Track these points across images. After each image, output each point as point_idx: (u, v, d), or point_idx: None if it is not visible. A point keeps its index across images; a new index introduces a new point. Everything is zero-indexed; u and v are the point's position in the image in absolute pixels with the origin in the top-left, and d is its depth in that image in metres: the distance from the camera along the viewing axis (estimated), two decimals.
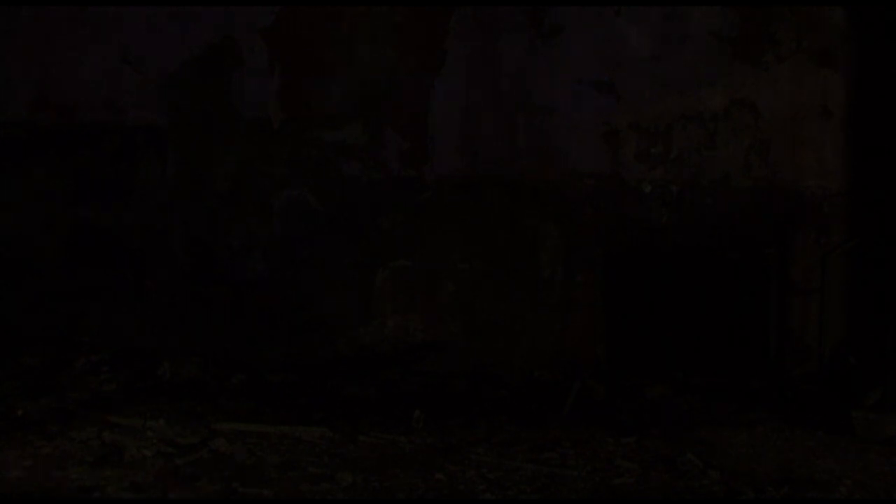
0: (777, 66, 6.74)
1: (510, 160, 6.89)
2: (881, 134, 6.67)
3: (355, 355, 6.90)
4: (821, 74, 6.73)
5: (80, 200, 7.10)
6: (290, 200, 6.99)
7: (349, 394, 6.26)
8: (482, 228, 6.91)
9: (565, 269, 6.88)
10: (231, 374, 6.55)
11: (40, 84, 7.11)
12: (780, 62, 6.74)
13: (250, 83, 6.96)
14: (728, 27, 6.74)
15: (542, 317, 6.88)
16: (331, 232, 6.96)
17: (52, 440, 5.05)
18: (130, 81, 7.03)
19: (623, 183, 6.84)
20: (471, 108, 6.88)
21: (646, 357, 6.79)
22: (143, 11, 6.96)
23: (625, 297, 6.87)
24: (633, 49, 6.78)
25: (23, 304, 7.08)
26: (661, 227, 6.84)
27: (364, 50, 6.91)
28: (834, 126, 6.75)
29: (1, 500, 4.33)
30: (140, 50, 7.02)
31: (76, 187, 7.11)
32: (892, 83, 6.63)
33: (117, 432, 5.17)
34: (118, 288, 7.07)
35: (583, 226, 6.87)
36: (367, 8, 6.89)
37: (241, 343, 6.91)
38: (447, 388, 6.46)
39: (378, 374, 6.63)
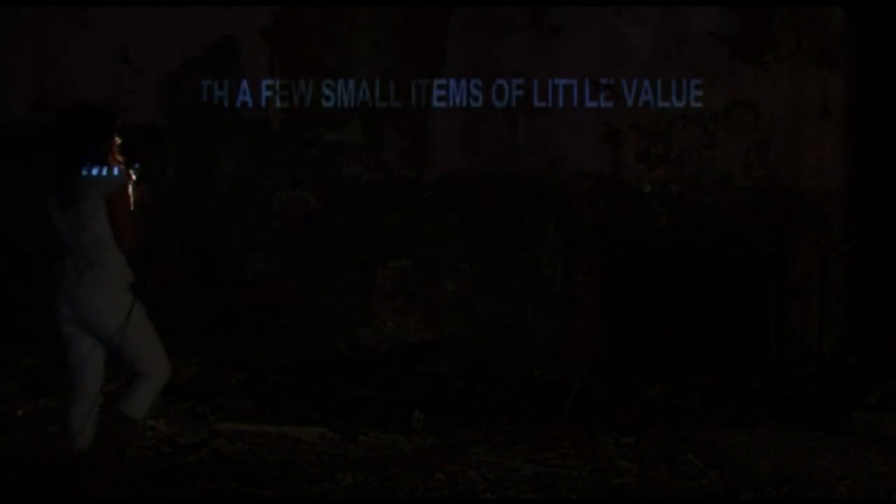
0: (777, 66, 6.74)
1: (510, 160, 6.89)
2: (881, 134, 6.67)
3: (355, 355, 6.90)
4: (821, 74, 6.73)
5: None
6: (290, 200, 6.99)
7: (349, 394, 6.26)
8: (482, 228, 6.91)
9: (565, 269, 6.88)
10: (231, 374, 6.55)
11: (40, 84, 7.11)
12: (780, 62, 6.74)
13: (250, 83, 6.96)
14: (728, 27, 6.74)
15: (541, 317, 6.88)
16: (331, 232, 6.96)
17: (52, 440, 5.05)
18: (130, 81, 7.03)
19: (623, 183, 6.84)
20: (471, 107, 6.88)
21: (646, 357, 6.79)
22: (143, 11, 6.96)
23: (625, 296, 6.87)
24: (633, 49, 6.79)
25: (23, 303, 7.07)
26: (660, 227, 6.84)
27: (364, 50, 6.91)
28: (834, 126, 6.76)
29: (2, 499, 4.33)
30: (140, 50, 7.01)
31: None
32: (892, 83, 6.63)
33: None
34: None
35: (583, 226, 6.86)
36: (367, 8, 6.89)
37: (241, 343, 6.90)
38: (447, 388, 6.46)
39: (378, 374, 6.63)
